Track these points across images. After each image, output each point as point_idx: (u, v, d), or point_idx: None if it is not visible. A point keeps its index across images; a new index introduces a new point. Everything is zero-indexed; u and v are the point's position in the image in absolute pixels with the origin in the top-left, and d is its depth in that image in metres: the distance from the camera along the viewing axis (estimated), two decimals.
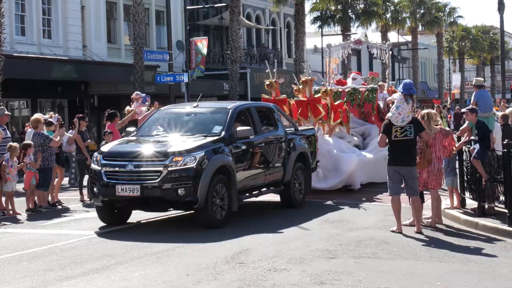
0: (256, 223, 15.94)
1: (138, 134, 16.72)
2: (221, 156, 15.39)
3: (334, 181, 20.93)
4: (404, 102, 14.12)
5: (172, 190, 14.59)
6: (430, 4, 79.35)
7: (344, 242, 13.44)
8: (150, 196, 14.72)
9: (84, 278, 11.01)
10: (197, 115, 17.08)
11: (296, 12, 52.75)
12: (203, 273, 11.12)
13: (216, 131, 16.01)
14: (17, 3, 37.11)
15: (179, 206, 15.41)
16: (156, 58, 38.03)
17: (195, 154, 14.80)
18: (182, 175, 14.64)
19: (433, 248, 12.87)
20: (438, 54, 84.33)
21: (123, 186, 14.71)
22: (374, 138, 22.97)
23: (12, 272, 11.57)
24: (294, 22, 54.17)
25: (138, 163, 14.80)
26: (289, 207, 17.98)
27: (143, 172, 14.74)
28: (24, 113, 36.89)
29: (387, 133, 14.30)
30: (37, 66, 34.51)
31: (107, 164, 15.12)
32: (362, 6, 62.13)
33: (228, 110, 16.68)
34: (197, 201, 14.66)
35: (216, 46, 54.16)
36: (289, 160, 18.01)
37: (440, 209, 15.61)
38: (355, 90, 24.61)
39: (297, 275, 10.95)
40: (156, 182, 14.55)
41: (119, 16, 44.30)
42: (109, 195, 14.98)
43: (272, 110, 18.45)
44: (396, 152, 14.35)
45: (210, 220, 15.04)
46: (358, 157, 21.70)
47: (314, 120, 21.56)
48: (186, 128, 16.63)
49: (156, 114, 17.82)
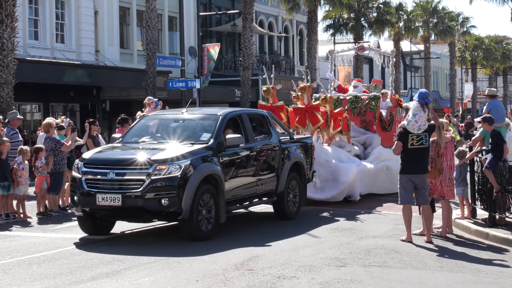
0: (264, 231, 15.91)
1: (124, 141, 16.09)
2: (208, 165, 14.69)
3: (332, 192, 20.28)
4: (421, 110, 14.11)
5: (155, 200, 13.91)
6: (443, 13, 79.30)
7: (354, 250, 13.41)
8: (131, 206, 14.04)
9: (94, 282, 11.03)
10: (186, 121, 16.40)
11: (309, 19, 52.74)
12: (212, 280, 11.12)
13: (205, 138, 15.37)
14: (30, 7, 37.24)
15: (163, 217, 14.65)
16: (169, 63, 38.06)
17: (180, 163, 14.11)
18: (166, 184, 13.94)
19: (443, 258, 12.83)
20: (451, 64, 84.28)
21: (104, 195, 14.03)
22: (375, 147, 22.84)
23: (22, 276, 11.58)
24: (307, 29, 54.15)
25: (119, 171, 14.13)
26: (283, 219, 17.28)
27: (124, 181, 14.07)
28: (36, 117, 37.01)
29: (403, 141, 14.25)
30: (49, 70, 34.58)
31: (87, 171, 14.44)
32: (375, 14, 62.14)
33: (218, 117, 15.94)
34: (182, 212, 13.96)
35: (229, 52, 54.22)
36: (283, 170, 17.24)
37: (451, 219, 15.57)
38: (357, 98, 23.94)
39: (306, 282, 10.93)
40: (138, 191, 13.88)
41: (132, 21, 44.40)
42: (89, 204, 14.33)
43: (265, 118, 17.63)
44: (412, 160, 14.29)
45: (195, 232, 14.32)
46: (357, 167, 21.08)
47: (312, 128, 20.87)
48: (173, 135, 15.99)
49: (143, 120, 17.07)
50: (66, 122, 20.34)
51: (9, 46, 28.23)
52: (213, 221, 14.67)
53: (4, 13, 28.16)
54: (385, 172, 22.13)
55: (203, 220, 14.44)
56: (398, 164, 21.70)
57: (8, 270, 11.98)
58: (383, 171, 22.15)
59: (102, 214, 14.63)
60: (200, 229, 14.35)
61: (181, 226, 14.51)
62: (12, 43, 28.39)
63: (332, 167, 20.50)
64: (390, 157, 22.28)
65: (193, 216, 14.13)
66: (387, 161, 22.43)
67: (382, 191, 21.84)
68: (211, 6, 51.68)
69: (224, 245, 13.91)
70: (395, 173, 21.48)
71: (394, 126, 23.57)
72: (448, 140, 15.06)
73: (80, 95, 38.68)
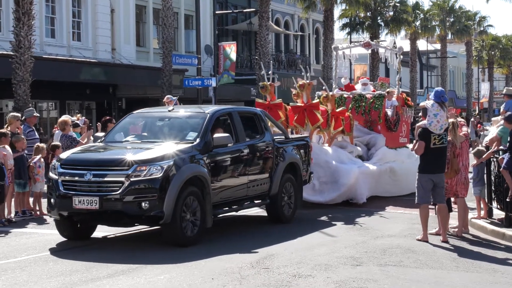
0: (280, 230, 15.89)
1: (106, 140, 15.28)
2: (193, 166, 13.85)
3: (332, 195, 19.46)
4: (441, 110, 14.06)
5: (134, 203, 13.09)
6: (460, 12, 79.04)
7: (369, 249, 13.39)
8: (110, 210, 13.23)
9: (110, 280, 11.04)
10: (171, 120, 15.58)
11: (325, 18, 52.61)
12: (228, 278, 11.12)
13: (190, 138, 14.52)
14: (47, 5, 37.36)
15: (143, 221, 13.67)
16: (185, 62, 38.10)
17: (162, 163, 13.28)
18: (147, 186, 13.14)
19: (459, 258, 12.79)
20: (467, 63, 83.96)
21: (81, 198, 13.24)
22: (379, 148, 21.95)
23: (39, 273, 11.62)
24: (323, 28, 54.00)
25: (97, 173, 13.34)
26: (277, 222, 16.51)
27: (102, 183, 13.27)
28: (53, 115, 37.13)
29: (426, 140, 14.17)
30: (66, 68, 34.71)
31: (64, 172, 13.65)
32: (391, 13, 61.94)
33: (205, 115, 15.10)
34: (163, 216, 13.13)
35: (244, 51, 54.21)
36: (277, 171, 16.38)
37: (467, 218, 15.52)
38: (361, 97, 23.01)
39: (322, 281, 10.92)
40: (117, 194, 13.06)
41: (148, 19, 44.48)
42: (65, 207, 13.53)
43: (258, 116, 16.73)
44: (433, 160, 14.21)
45: (179, 237, 13.50)
46: (359, 168, 20.12)
47: (311, 127, 19.93)
48: (158, 134, 15.25)
49: (128, 118, 16.15)
50: (82, 121, 20.42)
51: (26, 44, 28.31)
52: (198, 226, 13.86)
53: (21, 11, 28.24)
54: (389, 174, 21.52)
55: (188, 224, 13.63)
56: (402, 166, 21.94)
57: (25, 267, 12.03)
58: (387, 173, 21.45)
59: (80, 218, 13.89)
60: (183, 234, 13.54)
61: (163, 231, 13.76)
62: (29, 41, 28.47)
63: (332, 169, 19.68)
64: (394, 159, 21.98)
65: (176, 221, 13.30)
66: (391, 162, 21.84)
67: (385, 194, 21.24)
68: (227, 4, 51.69)
69: (239, 244, 13.91)
70: (400, 175, 21.52)
71: (400, 126, 23.20)
72: (463, 139, 15.03)
73: (96, 93, 38.78)
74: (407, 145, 23.67)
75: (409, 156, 22.59)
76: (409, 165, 21.92)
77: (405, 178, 21.43)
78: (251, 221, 17.35)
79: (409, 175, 21.42)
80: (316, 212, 18.12)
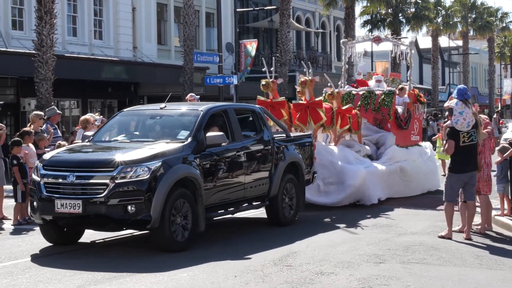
0: (303, 227, 15.89)
1: (94, 139, 14.59)
2: (184, 167, 13.06)
3: (337, 197, 18.61)
4: (466, 107, 13.97)
5: (120, 206, 12.34)
6: (482, 9, 78.73)
7: (392, 247, 13.34)
8: (93, 214, 12.51)
9: (133, 277, 11.05)
10: (163, 118, 14.75)
11: (346, 15, 52.54)
12: (250, 275, 11.12)
13: (182, 137, 13.71)
14: (69, 4, 37.53)
15: (130, 226, 12.92)
16: (206, 60, 38.11)
17: (149, 164, 12.53)
18: (133, 188, 12.39)
19: (482, 255, 12.72)
20: (489, 60, 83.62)
21: (63, 201, 12.50)
22: (388, 147, 20.95)
23: (62, 269, 11.61)
24: (344, 25, 53.96)
25: (81, 174, 12.58)
26: (277, 225, 15.80)
27: (86, 185, 12.53)
28: (75, 113, 37.26)
29: (455, 139, 14.07)
30: (87, 66, 34.84)
31: (47, 174, 12.93)
32: (412, 10, 61.75)
33: (199, 112, 14.28)
34: (151, 220, 12.39)
35: (265, 48, 54.23)
36: (277, 171, 15.58)
37: (490, 215, 15.44)
38: (370, 93, 21.98)
39: (344, 279, 10.90)
40: (101, 197, 12.33)
41: (169, 17, 44.59)
42: (47, 211, 12.79)
43: (256, 113, 15.91)
44: (464, 158, 14.07)
45: (168, 242, 12.75)
46: (366, 169, 19.23)
47: (314, 126, 18.88)
48: (149, 133, 14.52)
49: (118, 116, 15.42)
50: (99, 120, 20.39)
51: (48, 43, 28.46)
52: (189, 230, 13.09)
53: (43, 10, 28.39)
54: (399, 174, 20.63)
55: (178, 228, 12.89)
56: (413, 165, 21.36)
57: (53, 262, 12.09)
58: (397, 173, 20.53)
59: (63, 223, 13.13)
60: (173, 239, 12.78)
61: (151, 236, 13.08)
62: (51, 40, 28.62)
63: (338, 169, 18.81)
64: (405, 158, 21.16)
65: (164, 225, 12.56)
66: (401, 162, 20.93)
67: (395, 195, 20.25)
68: (248, 2, 51.74)
69: (262, 242, 13.90)
70: (411, 175, 20.91)
71: (412, 123, 22.39)
72: (486, 137, 14.94)
73: (118, 91, 38.89)
74: (420, 143, 23.08)
75: (421, 155, 22.14)
76: (420, 164, 21.55)
77: (416, 177, 21.03)
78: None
79: (420, 175, 21.34)
80: (325, 213, 18.04)
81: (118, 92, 38.93)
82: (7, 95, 32.69)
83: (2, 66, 30.08)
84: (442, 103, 57.47)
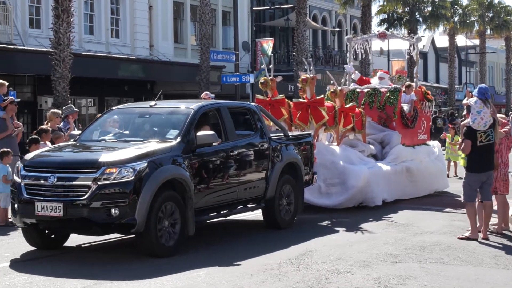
0: (320, 226, 15.87)
1: (81, 139, 13.96)
2: (172, 168, 12.41)
3: (339, 198, 17.91)
4: (484, 107, 13.89)
5: (102, 209, 11.70)
6: (499, 7, 78.41)
7: (409, 246, 13.31)
8: (75, 217, 11.84)
9: (150, 276, 11.07)
10: (152, 116, 14.15)
11: (363, 14, 52.53)
12: (267, 274, 11.11)
13: (171, 136, 13.06)
14: (86, 3, 37.67)
15: (113, 230, 12.25)
16: (222, 58, 38.21)
17: (134, 165, 11.87)
18: (116, 191, 11.74)
19: (500, 255, 12.66)
20: (507, 59, 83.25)
21: (44, 204, 11.86)
22: (394, 146, 20.22)
23: (75, 267, 11.67)
24: (361, 24, 53.97)
25: (62, 175, 11.91)
26: (274, 227, 15.18)
27: (68, 187, 11.87)
28: (91, 111, 37.41)
29: (472, 139, 14.00)
30: (104, 65, 34.99)
31: (28, 175, 12.29)
32: (429, 8, 61.65)
33: (189, 111, 13.62)
34: (135, 223, 11.76)
35: (282, 47, 54.24)
36: (273, 172, 14.92)
37: (507, 215, 15.36)
38: (375, 91, 21.18)
39: (361, 278, 10.88)
40: (83, 199, 11.68)
41: (186, 16, 44.67)
42: (28, 214, 12.14)
43: (252, 112, 15.23)
44: (482, 158, 13.98)
45: (154, 247, 12.10)
46: (370, 169, 18.55)
47: (315, 125, 18.19)
48: (137, 132, 13.85)
49: (107, 114, 14.79)
50: None
51: (65, 41, 28.61)
52: (178, 234, 12.51)
53: (60, 8, 28.52)
54: (405, 175, 19.98)
55: (165, 233, 12.26)
56: (420, 165, 20.78)
57: (57, 261, 12.10)
58: (403, 173, 19.87)
59: (45, 226, 12.57)
60: (160, 244, 12.15)
61: (136, 241, 12.42)
62: (68, 38, 28.76)
63: (339, 170, 18.05)
64: (411, 157, 20.52)
65: (150, 229, 11.93)
66: (408, 161, 20.28)
67: (401, 196, 19.62)
68: (264, 1, 51.77)
69: (279, 241, 13.91)
70: (417, 175, 20.38)
71: (419, 122, 21.71)
72: (503, 135, 14.87)
73: (135, 89, 39.02)
74: (427, 142, 22.39)
75: (429, 154, 21.58)
76: (428, 163, 21.06)
77: (423, 178, 20.52)
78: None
79: (427, 175, 20.81)
80: (332, 215, 18.00)
81: (134, 90, 39.04)
82: (24, 93, 32.85)
83: (20, 64, 30.26)
84: (458, 102, 57.32)
